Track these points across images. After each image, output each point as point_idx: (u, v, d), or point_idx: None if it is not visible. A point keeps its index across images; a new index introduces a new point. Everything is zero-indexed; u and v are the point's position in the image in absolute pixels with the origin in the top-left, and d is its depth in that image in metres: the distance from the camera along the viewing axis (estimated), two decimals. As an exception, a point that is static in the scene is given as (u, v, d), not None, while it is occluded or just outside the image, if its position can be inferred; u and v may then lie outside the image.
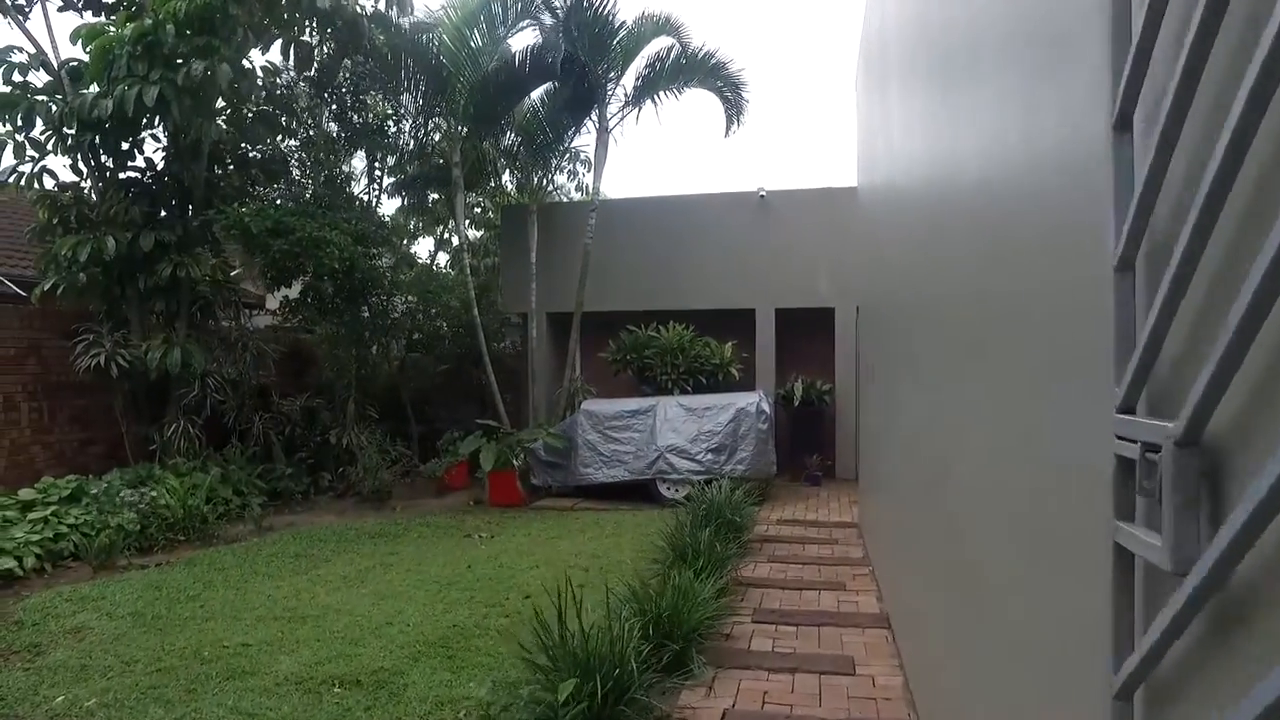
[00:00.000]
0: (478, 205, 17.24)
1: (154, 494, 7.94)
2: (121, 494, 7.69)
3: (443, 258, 18.88)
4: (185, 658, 4.53)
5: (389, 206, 16.02)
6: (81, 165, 9.26)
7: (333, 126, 11.20)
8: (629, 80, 11.41)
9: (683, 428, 9.52)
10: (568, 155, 14.03)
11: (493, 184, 13.30)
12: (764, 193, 11.91)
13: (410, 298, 12.98)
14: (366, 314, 11.73)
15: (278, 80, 10.95)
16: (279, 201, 10.25)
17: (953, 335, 3.07)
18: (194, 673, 4.29)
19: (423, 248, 20.39)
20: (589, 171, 14.74)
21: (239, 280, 12.25)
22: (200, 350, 9.25)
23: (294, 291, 10.81)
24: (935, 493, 3.47)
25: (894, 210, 5.43)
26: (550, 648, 3.51)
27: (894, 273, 5.40)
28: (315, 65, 10.41)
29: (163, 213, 9.61)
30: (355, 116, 11.24)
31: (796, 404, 11.32)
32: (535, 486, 10.30)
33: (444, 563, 6.99)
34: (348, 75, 10.82)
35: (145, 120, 9.18)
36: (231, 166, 10.40)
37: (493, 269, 15.37)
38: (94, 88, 8.39)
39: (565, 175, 16.11)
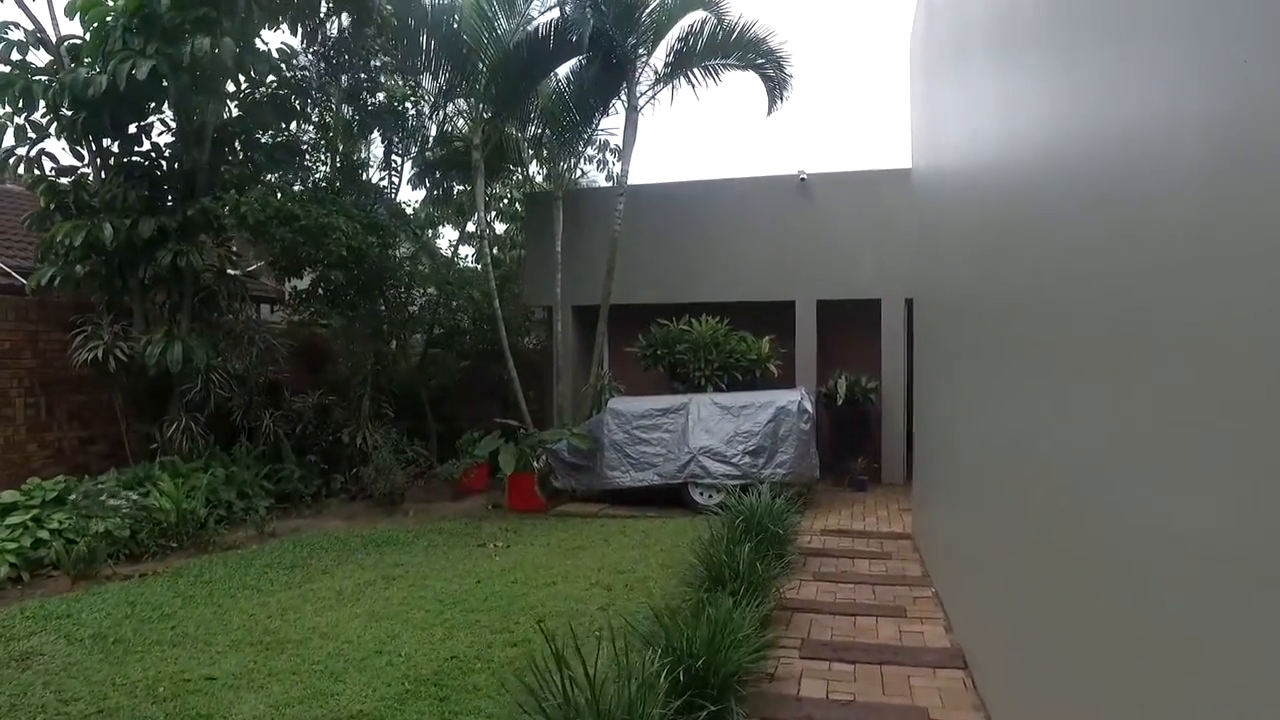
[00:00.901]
0: (504, 197, 16.62)
1: (146, 497, 7.39)
2: (105, 497, 7.14)
3: (467, 250, 18.30)
4: (136, 695, 3.89)
5: (412, 197, 15.55)
6: (82, 149, 8.77)
7: (346, 109, 10.59)
8: (660, 57, 10.67)
9: (717, 428, 8.75)
10: (595, 141, 13.36)
11: (517, 171, 12.61)
12: (804, 175, 11.08)
13: (430, 290, 12.39)
14: (383, 307, 11.16)
15: (294, 63, 10.41)
16: (290, 188, 9.66)
17: (1086, 331, 2.29)
18: (139, 716, 3.64)
19: (447, 241, 19.92)
20: (618, 160, 14.06)
21: (257, 274, 11.78)
22: (203, 344, 8.71)
23: (306, 283, 10.27)
24: (1053, 516, 2.67)
25: (973, 194, 4.63)
26: (549, 709, 2.77)
27: (970, 262, 4.61)
28: (326, 41, 9.81)
29: (167, 199, 9.10)
30: (370, 98, 10.64)
31: (840, 403, 10.48)
32: (558, 490, 9.60)
33: (452, 576, 6.31)
34: (361, 51, 10.21)
35: (151, 102, 8.72)
36: (243, 153, 9.86)
37: (519, 261, 14.71)
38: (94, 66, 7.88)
39: (595, 165, 15.48)
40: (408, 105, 11.07)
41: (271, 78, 9.87)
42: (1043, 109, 2.95)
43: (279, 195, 8.83)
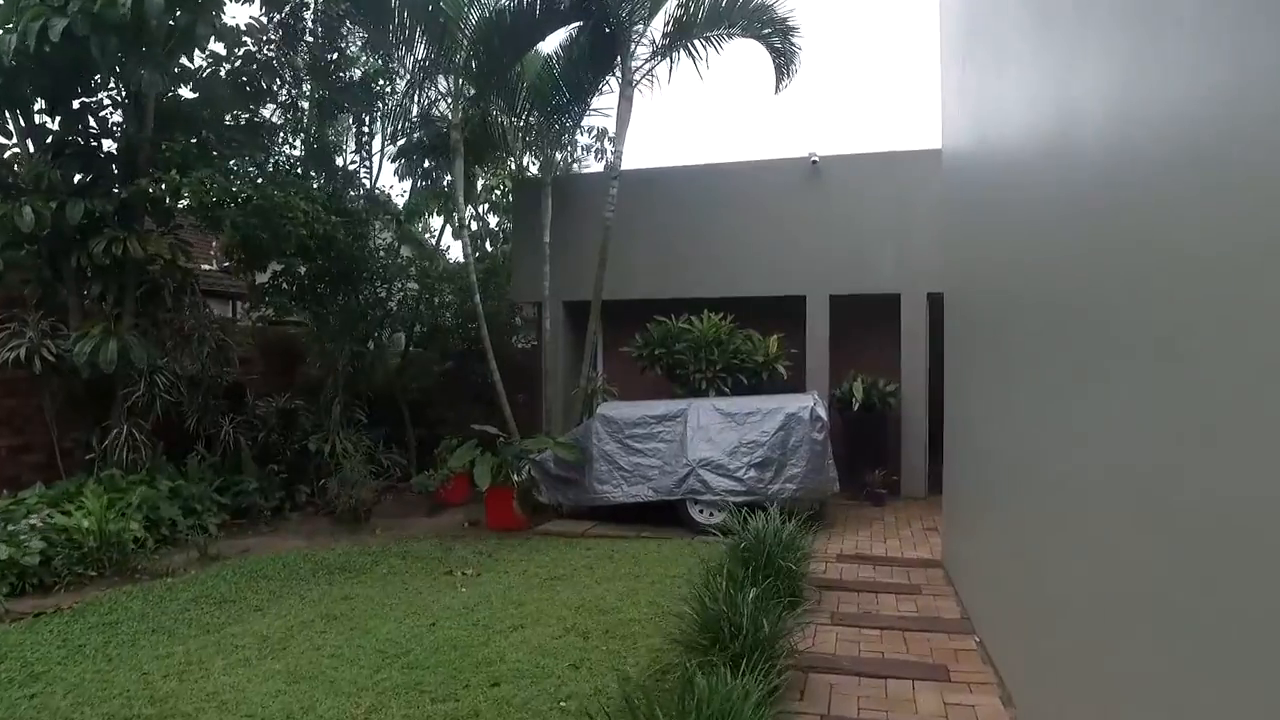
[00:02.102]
0: (496, 187, 15.68)
1: (68, 516, 6.47)
2: (23, 518, 6.22)
3: (457, 244, 17.39)
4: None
5: (402, 187, 14.66)
6: (10, 124, 7.86)
7: (313, 86, 9.65)
8: (657, 27, 9.69)
9: (719, 437, 7.78)
10: (587, 127, 12.45)
11: (510, 159, 11.64)
12: (816, 158, 10.10)
13: (411, 285, 11.47)
14: (357, 302, 10.23)
15: (263, 40, 9.48)
16: (247, 170, 8.72)
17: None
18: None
19: (434, 233, 19.07)
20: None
21: (233, 268, 10.87)
22: (144, 343, 7.80)
23: (268, 276, 9.36)
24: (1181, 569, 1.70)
25: (1028, 177, 3.68)
26: None
27: (1035, 252, 3.65)
28: (288, 8, 8.88)
29: (108, 182, 8.18)
30: (339, 73, 9.71)
31: (855, 408, 9.49)
32: (544, 506, 8.64)
33: (404, 615, 5.37)
34: (328, 20, 9.27)
35: (95, 74, 7.82)
36: (203, 133, 8.92)
37: (510, 256, 13.77)
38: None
39: (593, 155, 14.53)
40: (382, 83, 10.13)
41: (238, 57, 8.96)
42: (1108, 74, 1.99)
43: (228, 176, 7.90)
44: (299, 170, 9.11)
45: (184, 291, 8.60)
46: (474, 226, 16.85)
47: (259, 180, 8.17)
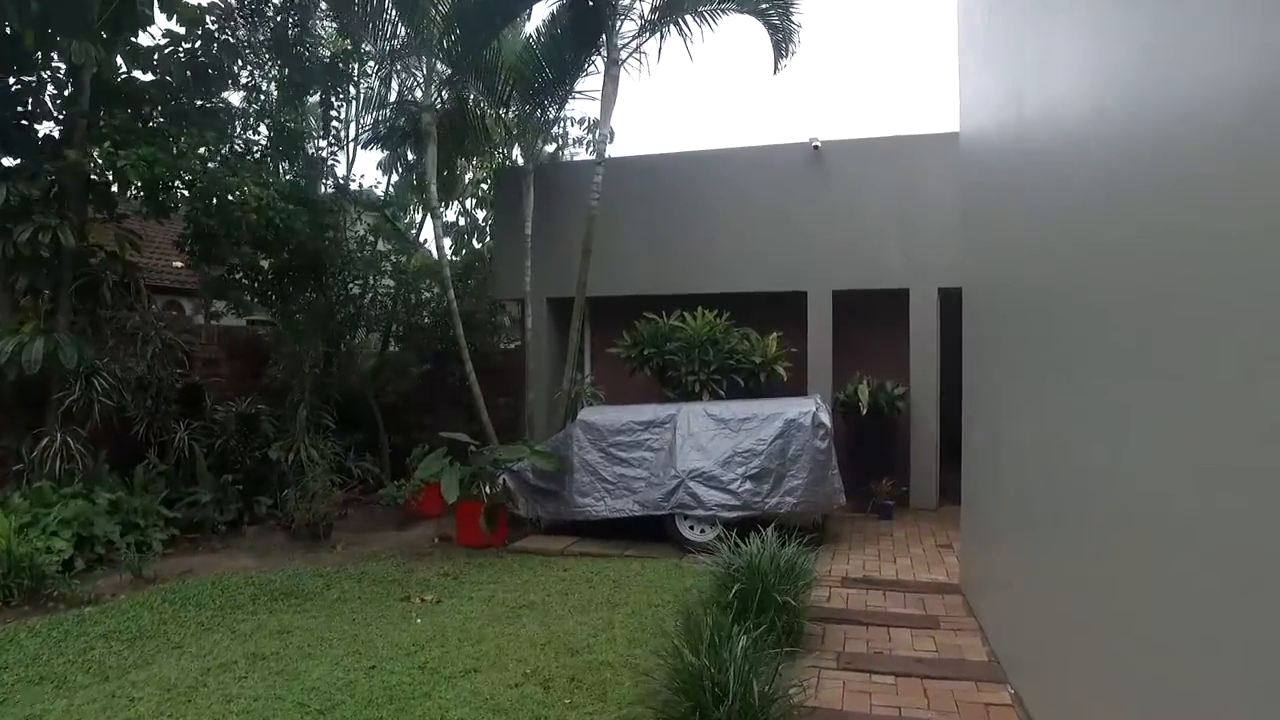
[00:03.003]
0: (485, 181, 14.96)
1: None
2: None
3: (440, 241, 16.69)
4: None
5: (384, 181, 13.87)
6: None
7: (276, 65, 8.93)
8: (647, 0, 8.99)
9: (712, 445, 7.05)
10: (580, 115, 11.73)
11: (484, 144, 10.91)
12: (818, 144, 9.37)
13: (387, 281, 10.76)
14: (323, 299, 9.52)
15: (225, 19, 8.77)
16: (197, 152, 7.99)
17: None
18: None
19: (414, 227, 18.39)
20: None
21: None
22: (79, 342, 7.09)
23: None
24: None
25: (1084, 150, 2.97)
26: None
27: (1072, 239, 2.97)
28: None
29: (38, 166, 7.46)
30: (306, 52, 8.98)
31: (861, 413, 8.76)
32: (522, 519, 7.93)
33: (343, 654, 4.64)
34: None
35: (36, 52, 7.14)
36: (152, 112, 8.18)
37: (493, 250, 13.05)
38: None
39: (584, 148, 13.83)
40: (353, 65, 9.42)
41: (198, 37, 8.25)
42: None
43: (179, 158, 7.18)
44: (258, 155, 8.39)
45: (127, 287, 7.88)
46: (461, 221, 16.20)
47: (210, 164, 7.43)
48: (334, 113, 9.38)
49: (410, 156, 11.81)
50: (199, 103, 8.53)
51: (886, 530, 8.03)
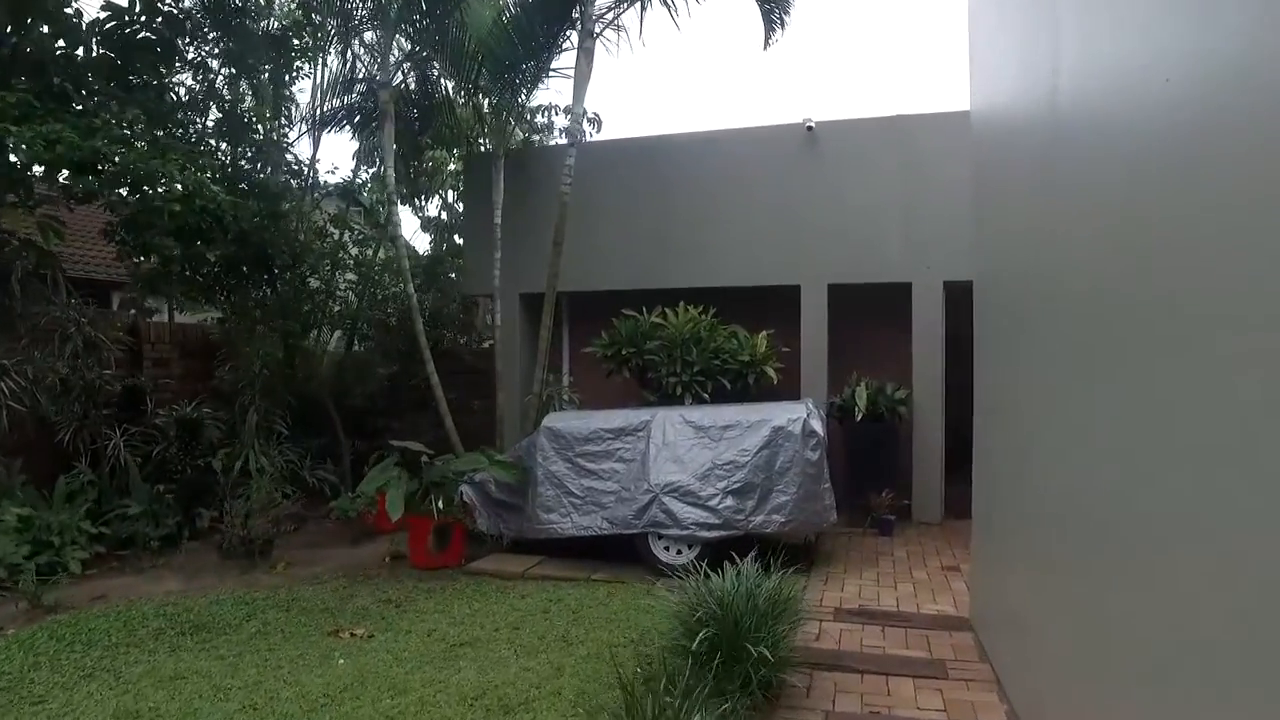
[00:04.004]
0: (452, 164, 14.16)
1: None
2: None
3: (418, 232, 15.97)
4: None
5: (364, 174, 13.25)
6: None
7: (215, 37, 8.18)
8: (625, -32, 8.25)
9: (689, 456, 6.29)
10: (557, 105, 10.95)
11: (450, 124, 10.16)
12: (812, 124, 8.62)
13: (350, 276, 10.03)
14: (274, 294, 8.79)
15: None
16: (120, 129, 7.23)
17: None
18: None
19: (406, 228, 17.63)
20: (595, 128, 11.71)
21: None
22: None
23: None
24: None
25: (1138, 122, 2.23)
26: None
27: (1110, 230, 2.25)
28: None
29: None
30: (244, 20, 8.23)
31: (858, 418, 8.00)
32: (487, 535, 7.18)
33: (235, 710, 3.89)
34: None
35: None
36: (63, 84, 7.42)
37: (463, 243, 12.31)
38: None
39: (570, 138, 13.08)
40: (305, 37, 8.67)
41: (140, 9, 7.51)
42: None
43: (99, 137, 6.43)
44: (194, 138, 7.65)
45: (44, 278, 7.14)
46: (444, 215, 15.47)
47: (137, 143, 6.69)
48: (286, 91, 8.63)
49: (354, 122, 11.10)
50: (131, 79, 7.81)
51: (886, 548, 7.28)
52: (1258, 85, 1.60)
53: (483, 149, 10.58)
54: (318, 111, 9.99)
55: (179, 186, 6.59)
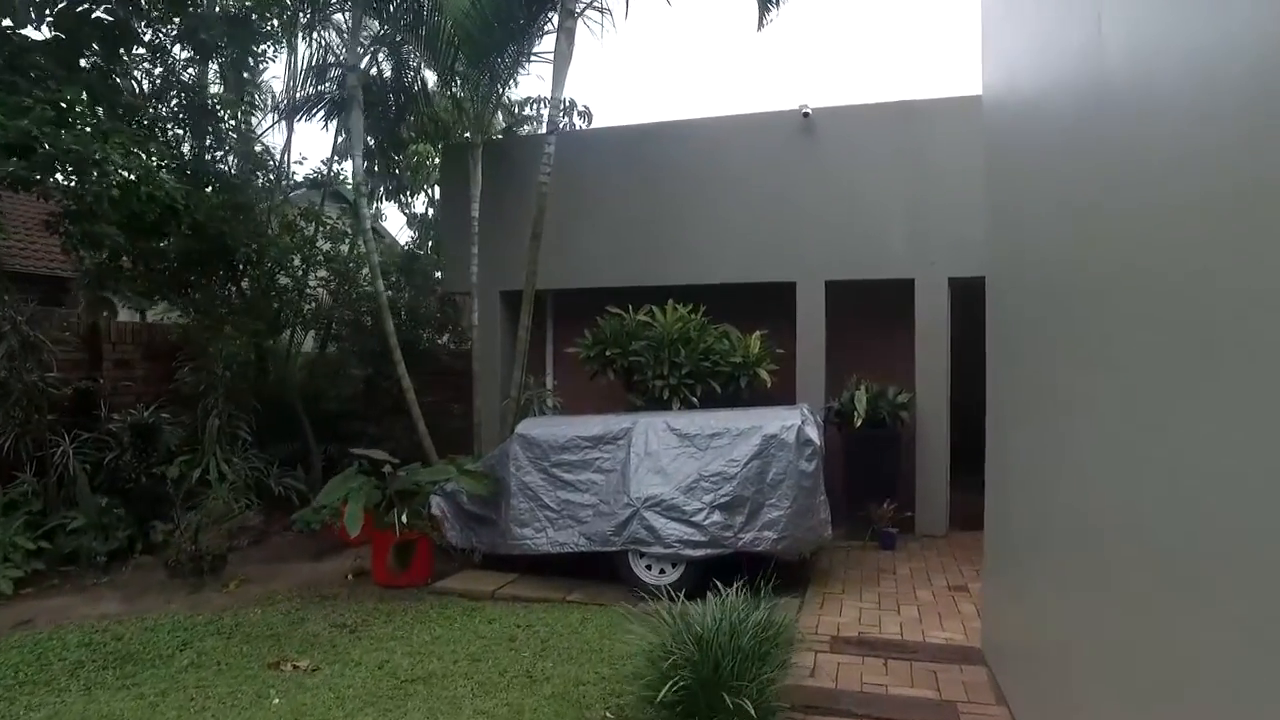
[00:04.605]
0: (437, 158, 13.65)
1: None
2: None
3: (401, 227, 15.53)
4: None
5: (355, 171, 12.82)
6: None
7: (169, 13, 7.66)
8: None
9: (673, 467, 5.77)
10: (545, 97, 10.42)
11: (424, 112, 9.65)
12: (808, 111, 8.11)
13: (322, 273, 9.52)
14: (237, 291, 8.29)
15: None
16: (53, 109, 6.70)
17: None
18: None
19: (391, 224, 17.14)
20: (584, 119, 11.24)
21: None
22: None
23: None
24: None
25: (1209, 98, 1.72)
26: None
27: (1194, 208, 1.70)
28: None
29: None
30: (204, 2, 7.72)
31: (858, 424, 7.49)
32: (461, 550, 6.67)
33: (139, 768, 3.38)
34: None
35: None
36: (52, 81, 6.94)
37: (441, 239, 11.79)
38: None
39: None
40: (269, 19, 8.16)
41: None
42: None
43: (27, 110, 5.90)
44: (145, 121, 7.13)
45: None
46: (431, 212, 15.00)
47: (79, 125, 6.18)
48: (247, 75, 8.12)
49: (370, 141, 10.66)
50: (83, 62, 7.31)
51: (887, 564, 6.77)
52: None
53: (467, 139, 10.10)
54: (290, 100, 9.50)
55: (124, 173, 6.07)
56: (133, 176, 6.15)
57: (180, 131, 7.62)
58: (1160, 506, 2.16)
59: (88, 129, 6.47)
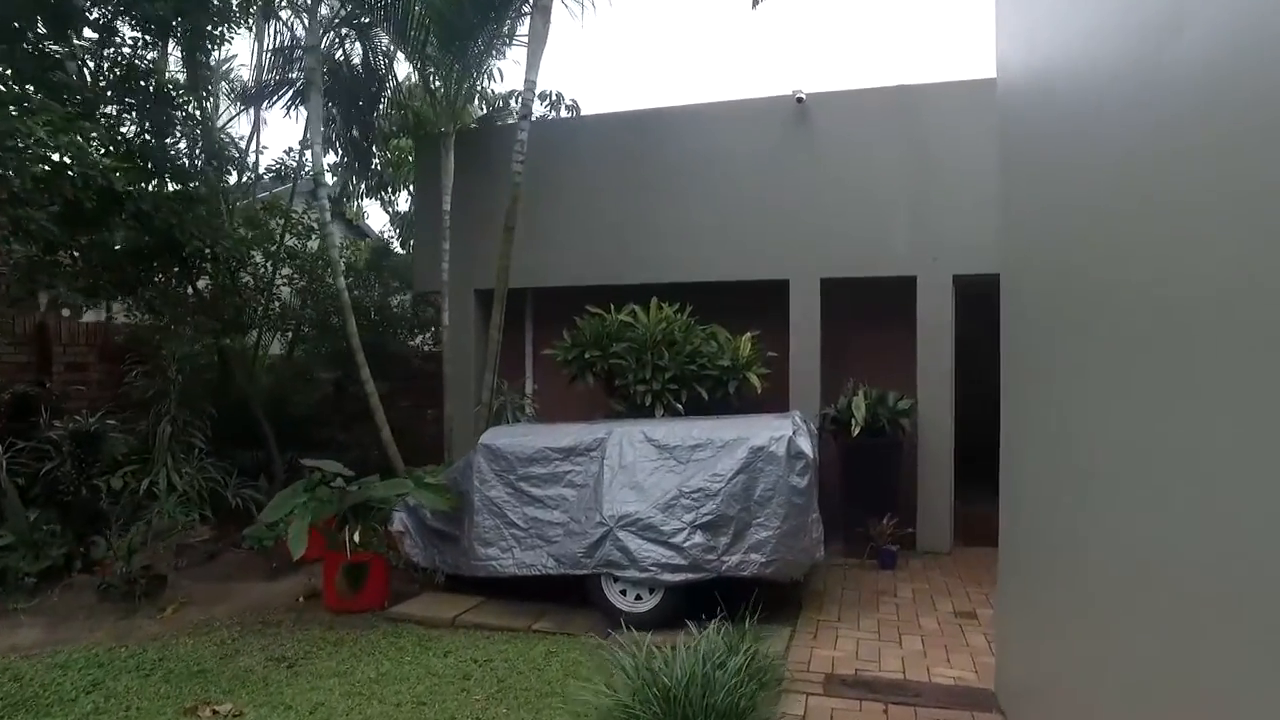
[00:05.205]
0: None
1: None
2: None
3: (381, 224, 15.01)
4: None
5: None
6: None
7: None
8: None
9: (651, 482, 5.21)
10: (542, 88, 9.94)
11: (390, 98, 9.09)
12: (802, 96, 7.57)
13: (286, 271, 8.97)
14: (192, 288, 7.75)
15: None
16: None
17: None
18: None
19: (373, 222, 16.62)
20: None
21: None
22: None
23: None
24: None
25: None
26: None
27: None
28: None
29: None
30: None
31: (856, 433, 6.94)
32: (417, 570, 6.13)
33: None
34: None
35: None
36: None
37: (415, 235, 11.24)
38: None
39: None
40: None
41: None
42: None
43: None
44: (79, 100, 6.57)
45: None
46: (414, 210, 14.43)
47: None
48: (200, 56, 7.56)
49: (353, 132, 10.14)
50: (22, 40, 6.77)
51: (887, 585, 6.22)
52: None
53: (430, 130, 9.57)
54: (257, 86, 8.96)
55: (55, 156, 5.53)
56: (67, 158, 5.60)
57: (127, 115, 7.05)
58: (1221, 529, 1.64)
59: (11, 107, 5.93)
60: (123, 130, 6.85)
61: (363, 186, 13.60)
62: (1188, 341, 1.96)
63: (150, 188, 7.00)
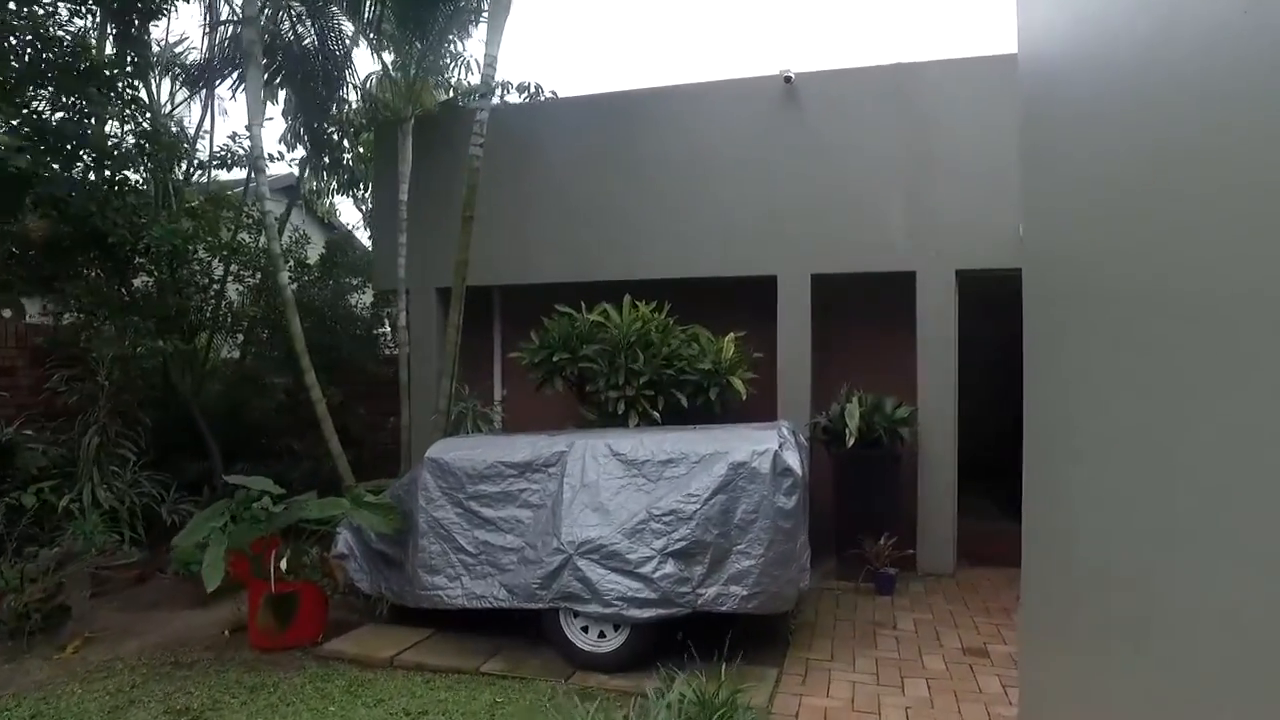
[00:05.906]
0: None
1: None
2: None
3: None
4: None
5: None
6: None
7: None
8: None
9: (616, 503, 4.55)
10: (519, 78, 9.33)
11: (341, 78, 8.41)
12: (791, 76, 6.95)
13: (231, 265, 8.28)
14: (124, 286, 7.07)
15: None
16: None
17: None
18: None
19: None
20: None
21: None
22: None
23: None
24: None
25: None
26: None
27: None
28: None
29: None
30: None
31: (851, 442, 6.30)
32: (366, 596, 5.45)
33: None
34: None
35: None
36: None
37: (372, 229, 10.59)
38: None
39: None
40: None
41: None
42: None
43: None
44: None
45: None
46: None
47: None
48: (134, 31, 6.88)
49: (315, 123, 9.50)
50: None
51: (886, 615, 5.57)
52: None
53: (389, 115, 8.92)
54: (202, 66, 8.29)
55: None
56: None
57: (44, 91, 6.37)
58: None
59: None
60: (36, 108, 6.16)
61: (333, 184, 12.98)
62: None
63: (74, 174, 6.31)
